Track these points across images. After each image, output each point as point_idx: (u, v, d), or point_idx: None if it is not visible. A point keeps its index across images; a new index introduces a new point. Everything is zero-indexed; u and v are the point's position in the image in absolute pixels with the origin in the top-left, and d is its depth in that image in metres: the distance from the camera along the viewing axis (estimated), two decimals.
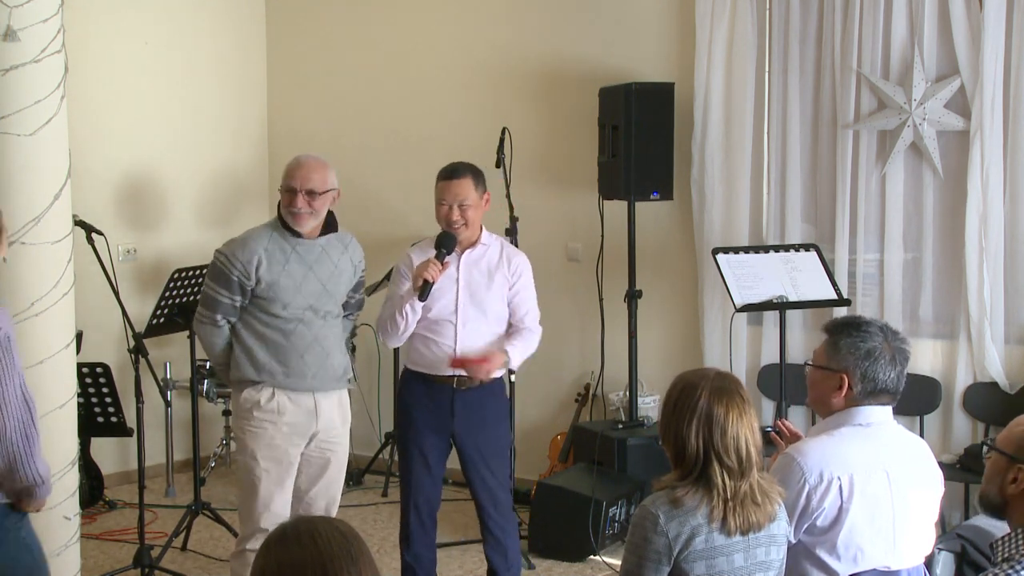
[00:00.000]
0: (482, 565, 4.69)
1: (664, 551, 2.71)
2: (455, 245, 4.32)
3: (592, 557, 5.36)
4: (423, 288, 4.19)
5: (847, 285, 5.54)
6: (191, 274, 5.65)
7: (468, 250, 4.39)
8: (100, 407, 5.42)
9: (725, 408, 2.74)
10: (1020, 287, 5.30)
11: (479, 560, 4.90)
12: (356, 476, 6.53)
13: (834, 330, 3.15)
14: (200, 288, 4.71)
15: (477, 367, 4.31)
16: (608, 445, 5.70)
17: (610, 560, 5.30)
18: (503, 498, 4.52)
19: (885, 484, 3.05)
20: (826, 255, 5.50)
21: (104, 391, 5.38)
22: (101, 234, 4.97)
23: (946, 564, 3.83)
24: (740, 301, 5.24)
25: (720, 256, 5.35)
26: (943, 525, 4.85)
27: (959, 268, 5.33)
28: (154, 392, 5.70)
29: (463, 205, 4.33)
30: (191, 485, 5.72)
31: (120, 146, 6.50)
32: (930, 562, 3.33)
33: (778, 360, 5.37)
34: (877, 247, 5.55)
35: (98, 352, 5.67)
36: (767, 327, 5.78)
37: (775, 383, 5.43)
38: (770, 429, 5.40)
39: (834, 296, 5.36)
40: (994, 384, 5.28)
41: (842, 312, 5.27)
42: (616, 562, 5.13)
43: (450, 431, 4.42)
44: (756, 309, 5.44)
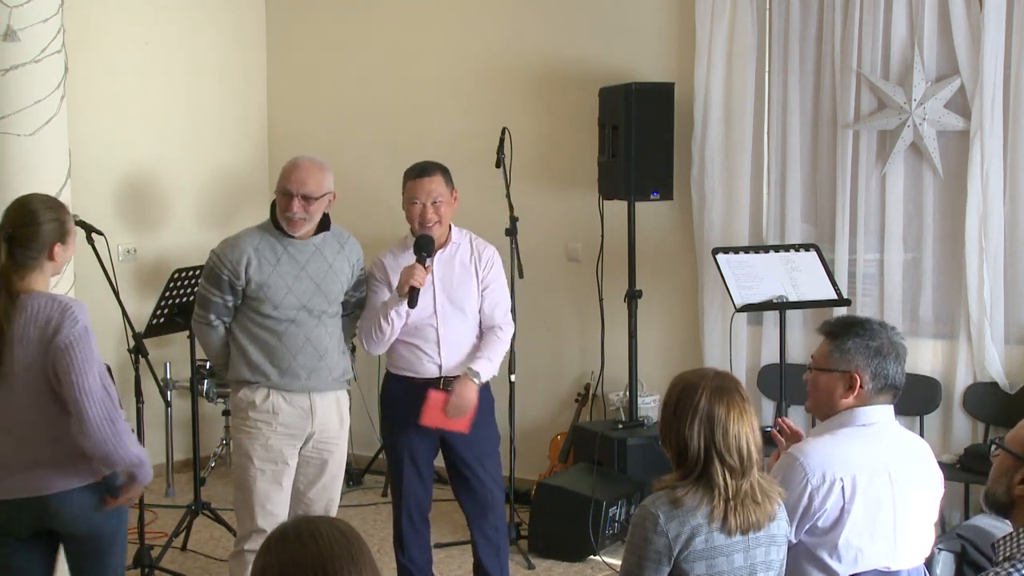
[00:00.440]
0: None
1: (664, 551, 2.71)
2: (434, 247, 4.30)
3: (592, 557, 5.36)
4: (411, 294, 4.17)
5: (847, 285, 5.54)
6: (191, 274, 5.64)
7: (440, 250, 4.37)
8: None
9: (726, 408, 2.74)
10: (1020, 287, 5.30)
11: None
12: (356, 476, 6.53)
13: (838, 332, 3.15)
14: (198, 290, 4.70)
15: (456, 423, 4.30)
16: (608, 445, 5.69)
17: (610, 560, 5.30)
18: (499, 496, 4.52)
19: (887, 485, 3.05)
20: (826, 255, 5.50)
21: None
22: (101, 234, 4.95)
23: (946, 564, 3.83)
24: (740, 301, 5.24)
25: (720, 256, 5.35)
26: (943, 525, 4.85)
27: (959, 268, 5.33)
28: (154, 392, 5.69)
29: (436, 202, 4.32)
30: (191, 485, 5.72)
31: (120, 146, 6.49)
32: (930, 562, 3.33)
33: (778, 360, 5.37)
34: (877, 247, 5.55)
35: None
36: (767, 327, 5.78)
37: (775, 383, 5.43)
38: (770, 429, 5.42)
39: (834, 296, 5.37)
40: (994, 384, 5.28)
41: (840, 313, 5.27)
42: (616, 562, 5.12)
43: (439, 433, 4.40)
44: (756, 309, 5.44)
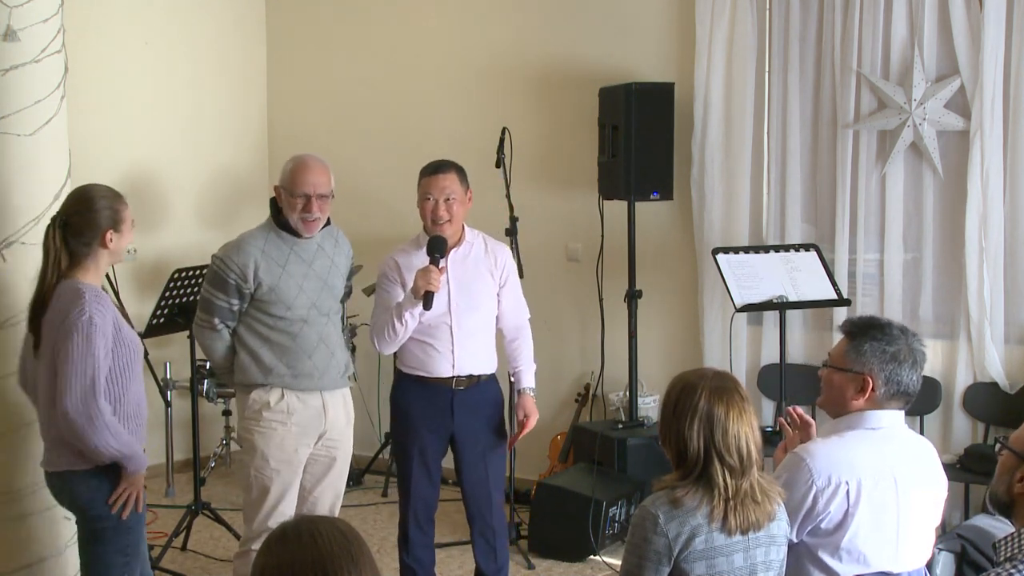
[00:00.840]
0: None
1: (664, 551, 2.71)
2: (447, 248, 4.29)
3: (592, 557, 5.36)
4: (426, 298, 4.16)
5: (847, 285, 5.54)
6: (191, 274, 5.64)
7: (454, 249, 4.36)
8: None
9: (726, 407, 2.74)
10: (1020, 287, 5.30)
11: None
12: (356, 476, 6.52)
13: (856, 332, 3.12)
14: (200, 288, 4.70)
15: (525, 430, 4.54)
16: (608, 445, 5.69)
17: (610, 560, 5.30)
18: (497, 499, 4.51)
19: (892, 490, 3.04)
20: (826, 255, 5.50)
21: None
22: None
23: (946, 564, 3.83)
24: (740, 301, 5.24)
25: (720, 256, 5.35)
26: (943, 525, 4.84)
27: (959, 268, 5.33)
28: (154, 392, 5.70)
29: (449, 200, 4.31)
30: (191, 485, 5.72)
31: (120, 146, 6.49)
32: (930, 562, 3.32)
33: (778, 360, 5.37)
34: (877, 247, 5.55)
35: None
36: (767, 327, 5.78)
37: (775, 383, 5.43)
38: (769, 429, 5.42)
39: (834, 296, 5.37)
40: (994, 384, 5.28)
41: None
42: (616, 562, 5.12)
43: (449, 432, 4.41)
44: (756, 309, 5.44)
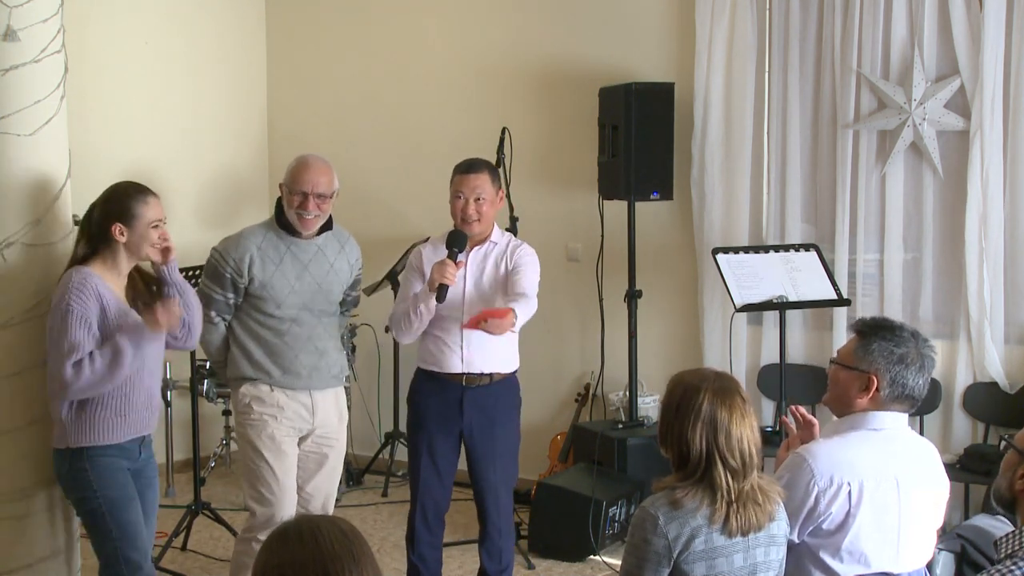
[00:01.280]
0: None
1: (664, 552, 2.71)
2: (467, 243, 4.31)
3: (592, 557, 5.36)
4: (440, 291, 4.18)
5: (847, 285, 5.54)
6: (191, 274, 5.62)
7: (477, 247, 4.38)
8: None
9: (728, 410, 2.74)
10: (1020, 287, 5.30)
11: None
12: (356, 476, 6.52)
13: (866, 331, 3.12)
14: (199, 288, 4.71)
15: (492, 321, 4.10)
16: (608, 445, 5.69)
17: (610, 560, 5.30)
18: (504, 499, 4.49)
19: (894, 492, 3.04)
20: (826, 255, 5.50)
21: None
22: None
23: (946, 564, 3.82)
24: (740, 301, 5.24)
25: (720, 256, 5.35)
26: (943, 525, 4.84)
27: (959, 268, 5.33)
28: None
29: (479, 199, 4.33)
30: (191, 485, 5.72)
31: (120, 146, 6.49)
32: (930, 562, 3.32)
33: (778, 360, 5.37)
34: (877, 247, 5.55)
35: None
36: (767, 327, 5.78)
37: (775, 383, 5.43)
38: (769, 429, 5.42)
39: (834, 296, 5.36)
40: (994, 384, 5.28)
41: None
42: (616, 562, 5.12)
43: (459, 429, 4.41)
44: (756, 309, 5.44)
